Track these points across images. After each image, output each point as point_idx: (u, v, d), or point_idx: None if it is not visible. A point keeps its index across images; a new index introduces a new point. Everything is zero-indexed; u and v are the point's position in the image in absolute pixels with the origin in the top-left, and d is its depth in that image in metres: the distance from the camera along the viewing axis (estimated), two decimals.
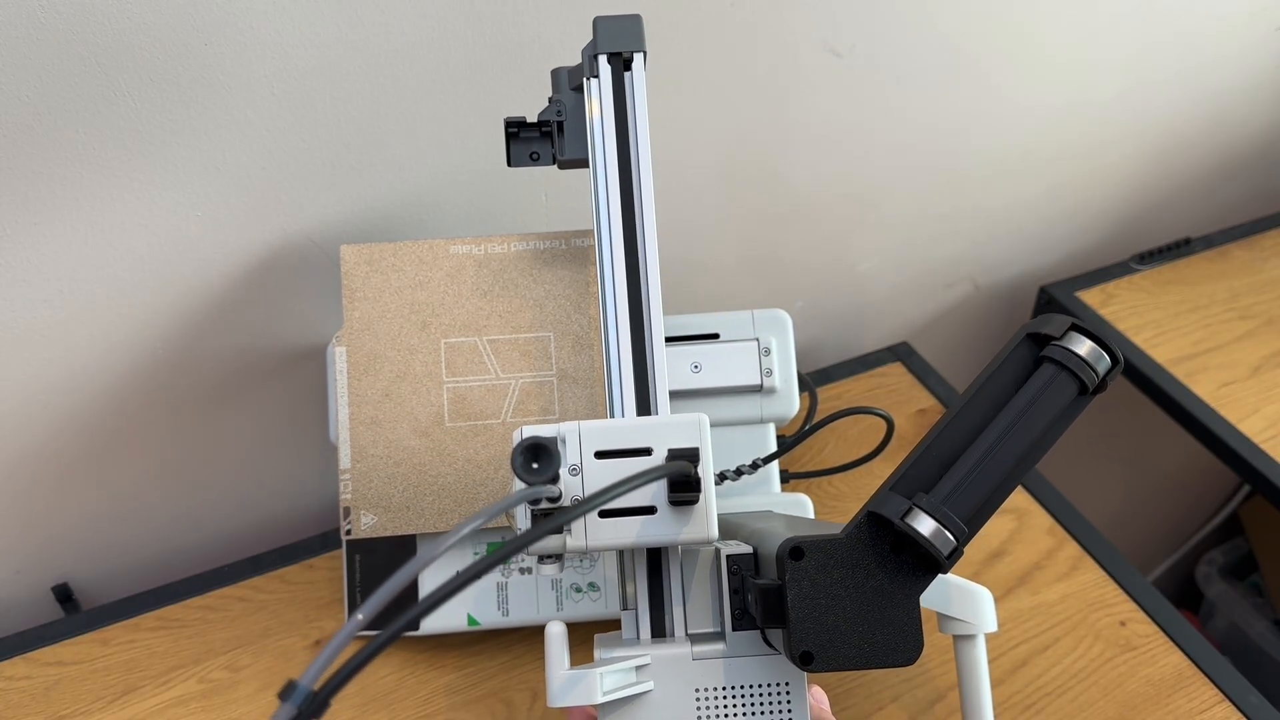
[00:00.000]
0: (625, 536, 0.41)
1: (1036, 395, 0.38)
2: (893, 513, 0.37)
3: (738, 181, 0.82)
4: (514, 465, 0.37)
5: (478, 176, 0.72)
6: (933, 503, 0.37)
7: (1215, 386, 0.89)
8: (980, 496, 0.37)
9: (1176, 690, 0.67)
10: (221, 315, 0.70)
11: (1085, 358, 0.37)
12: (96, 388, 0.69)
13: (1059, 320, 0.38)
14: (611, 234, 0.50)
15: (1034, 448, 0.37)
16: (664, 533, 0.41)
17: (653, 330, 0.49)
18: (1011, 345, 0.39)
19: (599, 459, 0.41)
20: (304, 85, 0.62)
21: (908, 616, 0.38)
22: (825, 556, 0.38)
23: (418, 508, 0.64)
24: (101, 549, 0.77)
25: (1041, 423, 0.37)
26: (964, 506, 0.37)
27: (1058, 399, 0.37)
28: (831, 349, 0.98)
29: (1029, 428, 0.37)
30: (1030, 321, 0.39)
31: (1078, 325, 0.38)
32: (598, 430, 0.41)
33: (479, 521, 0.32)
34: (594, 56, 0.52)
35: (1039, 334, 0.39)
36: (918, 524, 0.37)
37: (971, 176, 0.92)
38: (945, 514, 0.37)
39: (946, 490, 0.37)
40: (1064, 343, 0.38)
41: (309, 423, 0.78)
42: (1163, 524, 1.38)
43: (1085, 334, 0.37)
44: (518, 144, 0.55)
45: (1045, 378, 0.38)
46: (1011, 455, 0.37)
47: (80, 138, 0.58)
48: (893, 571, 0.38)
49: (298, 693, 0.29)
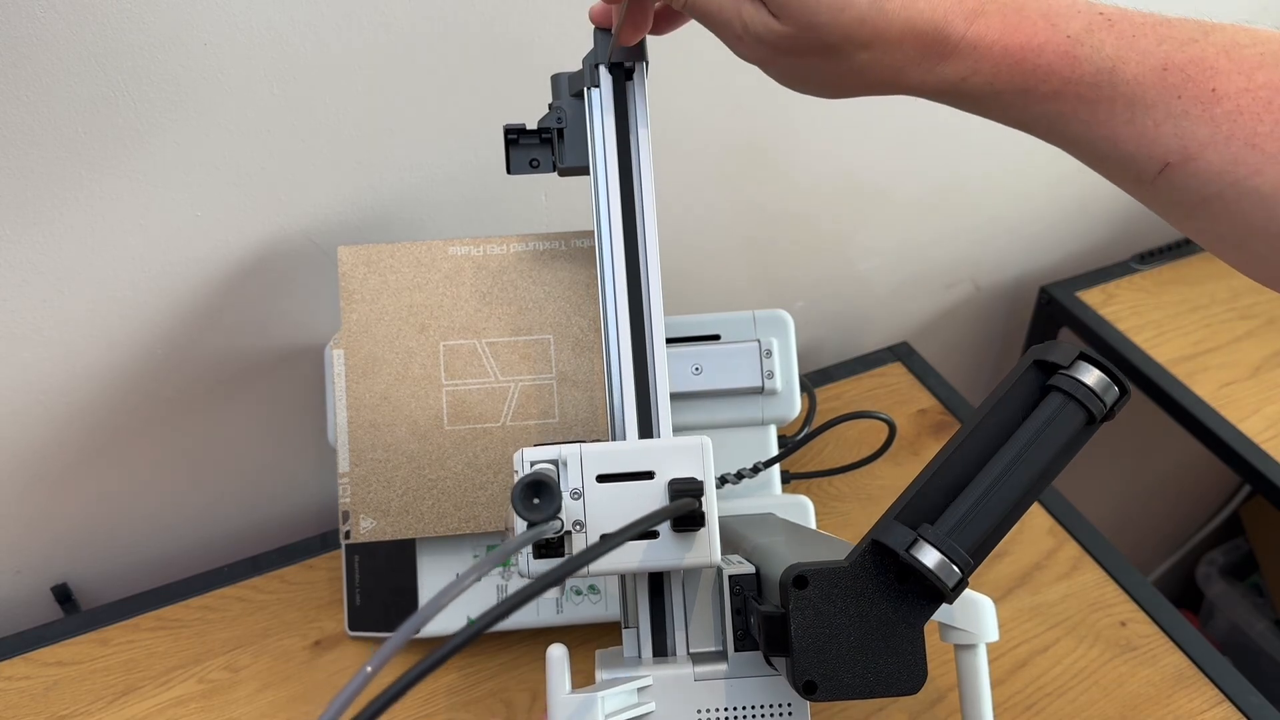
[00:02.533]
0: (628, 562, 0.41)
1: (1044, 426, 0.37)
2: (897, 544, 0.37)
3: (738, 181, 0.82)
4: (514, 502, 0.37)
5: (477, 177, 0.71)
6: (938, 534, 0.36)
7: (1216, 386, 0.89)
8: (986, 528, 0.37)
9: (1177, 690, 0.67)
10: (220, 314, 0.70)
11: (1093, 388, 0.37)
12: (96, 388, 0.69)
13: (1066, 348, 0.38)
14: (612, 239, 0.49)
15: (1040, 478, 0.37)
16: (666, 558, 0.41)
17: (653, 332, 0.49)
18: (1018, 372, 0.38)
19: (600, 483, 0.41)
20: (303, 85, 0.62)
21: (911, 646, 0.38)
22: (829, 585, 0.38)
23: (417, 511, 0.63)
24: (101, 549, 0.77)
25: (1049, 453, 0.37)
26: (969, 538, 0.36)
27: (1065, 429, 0.37)
28: (832, 349, 0.98)
29: (1036, 458, 0.37)
30: (1036, 347, 0.39)
31: (1086, 354, 0.37)
32: (599, 454, 0.41)
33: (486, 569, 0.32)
34: (595, 66, 0.51)
35: (1046, 361, 0.38)
36: (922, 556, 0.36)
37: (972, 176, 0.92)
38: (951, 546, 0.36)
39: (952, 522, 0.37)
40: (1072, 372, 0.37)
41: (308, 421, 0.78)
42: (1163, 524, 1.38)
43: (1093, 363, 0.37)
44: (517, 151, 0.55)
45: (1053, 408, 0.37)
46: (1018, 486, 0.37)
47: (79, 138, 0.58)
48: (896, 601, 0.38)
49: None
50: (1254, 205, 0.37)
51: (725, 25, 0.43)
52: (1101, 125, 0.39)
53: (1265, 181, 0.36)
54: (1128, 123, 0.38)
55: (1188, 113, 0.37)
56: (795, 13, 0.40)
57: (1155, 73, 0.37)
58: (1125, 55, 0.38)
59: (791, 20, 0.40)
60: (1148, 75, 0.37)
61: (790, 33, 0.41)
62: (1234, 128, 0.36)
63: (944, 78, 0.40)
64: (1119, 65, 0.38)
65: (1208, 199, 0.38)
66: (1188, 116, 0.37)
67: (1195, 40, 0.37)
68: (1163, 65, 0.37)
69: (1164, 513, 1.37)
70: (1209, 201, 0.38)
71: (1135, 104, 0.38)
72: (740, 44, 0.43)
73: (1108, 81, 0.38)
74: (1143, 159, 0.39)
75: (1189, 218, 0.40)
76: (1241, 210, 0.37)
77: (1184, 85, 0.37)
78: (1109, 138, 0.39)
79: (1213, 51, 0.37)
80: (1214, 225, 0.39)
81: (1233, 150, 0.37)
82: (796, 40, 0.41)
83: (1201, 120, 0.37)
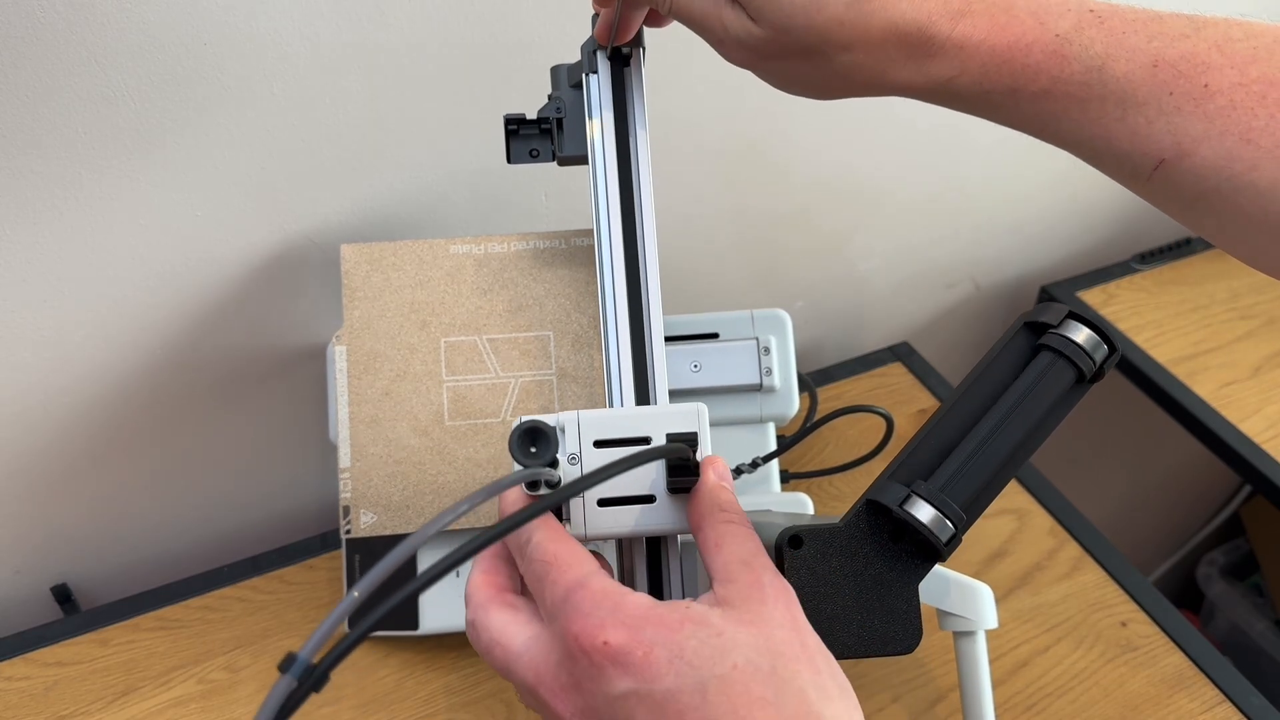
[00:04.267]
0: (623, 525, 0.41)
1: (1034, 383, 0.38)
2: (891, 500, 0.37)
3: (738, 180, 0.82)
4: (511, 448, 0.37)
5: (477, 176, 0.71)
6: (931, 490, 0.37)
7: (1216, 386, 0.89)
8: (979, 483, 0.37)
9: (1177, 691, 0.67)
10: (221, 315, 0.70)
11: (1083, 345, 0.37)
12: (96, 388, 0.69)
13: (1056, 308, 0.38)
14: (611, 232, 0.50)
15: (1032, 435, 0.38)
16: (662, 521, 0.41)
17: (652, 329, 0.49)
18: (1009, 334, 0.39)
19: (598, 448, 0.41)
20: (303, 85, 0.62)
21: (907, 605, 0.38)
22: (824, 545, 0.38)
23: (418, 506, 0.63)
24: (101, 549, 0.77)
25: (1039, 410, 0.37)
26: (962, 493, 0.37)
27: (1055, 386, 0.37)
28: (832, 349, 0.98)
29: (1027, 415, 0.37)
30: (1028, 311, 0.39)
31: (1075, 313, 0.38)
32: (597, 419, 0.41)
33: (478, 500, 0.33)
34: (593, 52, 0.52)
35: (1037, 323, 0.39)
36: (916, 511, 0.37)
37: (972, 176, 0.92)
38: (944, 500, 0.37)
39: (945, 477, 0.37)
40: (1061, 330, 0.38)
41: (309, 423, 0.78)
42: (1163, 524, 1.38)
43: (1083, 321, 0.38)
44: (517, 141, 0.55)
45: (1043, 365, 0.38)
46: (1009, 442, 0.37)
47: (80, 138, 0.58)
48: (891, 560, 0.38)
49: (297, 664, 0.29)
50: (1251, 200, 0.37)
51: (708, 29, 0.43)
52: (1093, 124, 0.39)
53: (1262, 176, 0.36)
54: (1119, 120, 0.38)
55: (1180, 109, 0.37)
56: (771, 16, 0.40)
57: (1146, 69, 0.37)
58: (1115, 53, 0.37)
59: (768, 23, 0.40)
60: (1138, 72, 0.37)
61: (768, 36, 0.41)
62: (1228, 123, 0.36)
63: (931, 78, 0.40)
64: (1109, 63, 0.37)
65: (1204, 194, 0.38)
66: (1180, 113, 0.37)
67: (1187, 36, 0.37)
68: (1153, 62, 0.37)
69: (1164, 513, 1.37)
70: (1206, 196, 0.38)
71: (1126, 102, 0.38)
72: (723, 47, 0.43)
73: (1098, 80, 0.38)
74: (1137, 156, 0.38)
75: (1187, 212, 0.40)
76: (1239, 205, 0.37)
77: (1175, 81, 0.37)
78: (1102, 136, 0.39)
79: (1204, 46, 0.37)
80: (1213, 219, 0.39)
81: (1227, 145, 0.36)
82: (774, 43, 0.41)
83: (1194, 116, 0.37)
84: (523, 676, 0.35)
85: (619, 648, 0.32)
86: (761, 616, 0.34)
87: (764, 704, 0.31)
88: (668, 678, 0.31)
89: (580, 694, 0.33)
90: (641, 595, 0.34)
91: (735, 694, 0.31)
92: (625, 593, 0.34)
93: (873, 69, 0.40)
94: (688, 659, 0.32)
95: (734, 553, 0.36)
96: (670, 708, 0.31)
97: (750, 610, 0.34)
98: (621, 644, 0.32)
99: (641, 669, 0.32)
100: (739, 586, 0.34)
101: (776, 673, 0.32)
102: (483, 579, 0.38)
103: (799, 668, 0.33)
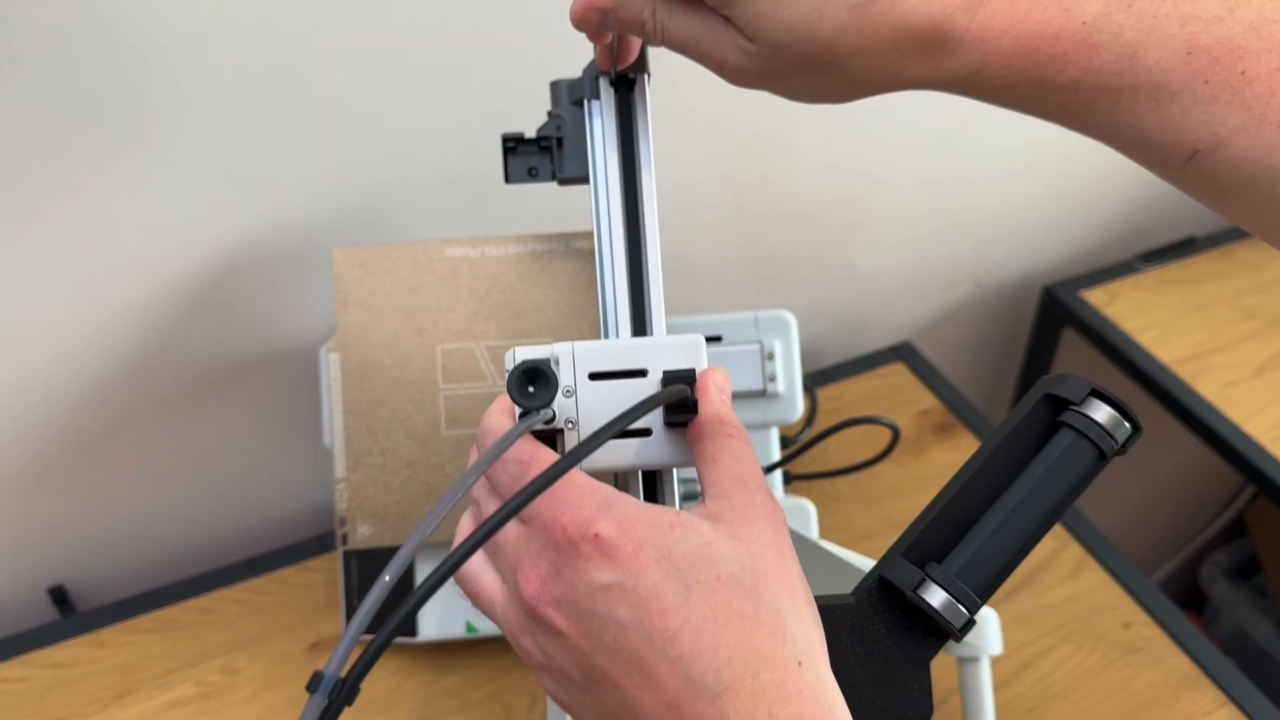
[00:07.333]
0: (621, 459, 0.40)
1: (1055, 464, 0.36)
2: (905, 583, 0.36)
3: (739, 180, 0.81)
4: (510, 388, 0.37)
5: (474, 176, 0.71)
6: (945, 575, 0.36)
7: (1220, 386, 0.89)
8: (994, 569, 0.36)
9: (1180, 693, 0.67)
10: (218, 314, 0.70)
11: (1105, 425, 0.36)
12: (91, 388, 0.69)
13: (1078, 383, 0.37)
14: (614, 252, 0.49)
15: (1050, 516, 0.36)
16: (660, 455, 0.40)
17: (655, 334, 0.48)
18: (1028, 404, 0.38)
19: (593, 381, 0.40)
20: (301, 84, 0.62)
21: (918, 682, 0.37)
22: (835, 622, 0.37)
23: (415, 517, 0.63)
24: (97, 550, 0.77)
25: (1059, 492, 0.36)
26: (977, 578, 0.36)
27: (1076, 467, 0.36)
28: (833, 349, 0.98)
29: (1045, 496, 0.36)
30: (1046, 379, 0.38)
31: (1097, 390, 0.37)
32: (592, 351, 0.40)
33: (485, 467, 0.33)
34: (595, 77, 0.51)
35: (1057, 396, 0.37)
36: (930, 596, 0.36)
37: (974, 175, 0.92)
38: (958, 586, 0.36)
39: (961, 561, 0.36)
40: (1083, 409, 0.36)
41: (305, 421, 0.78)
42: (1166, 526, 1.38)
43: (1105, 400, 0.36)
44: (515, 159, 0.53)
45: (1064, 445, 0.37)
46: (1027, 525, 0.36)
47: (75, 136, 0.58)
48: (902, 637, 0.37)
49: (325, 681, 0.28)
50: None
51: (705, 56, 0.42)
52: (1124, 114, 0.37)
53: None
54: (1152, 110, 0.36)
55: (1216, 98, 0.35)
56: (769, 34, 0.38)
57: (1180, 57, 0.36)
58: (1146, 39, 0.36)
59: (766, 42, 0.39)
60: (1171, 60, 0.36)
61: (769, 55, 0.39)
62: (1267, 111, 0.35)
63: (951, 73, 0.38)
64: (1140, 51, 0.36)
65: (1240, 184, 0.36)
66: (1216, 102, 0.35)
67: (1220, 19, 0.35)
68: (1187, 49, 0.36)
69: (1167, 514, 1.37)
70: (1242, 186, 0.37)
71: (1160, 91, 0.36)
72: (725, 71, 0.42)
73: (1129, 69, 0.36)
74: (1170, 146, 0.37)
75: (1221, 201, 0.38)
76: (1276, 194, 0.36)
77: (1211, 69, 0.35)
78: (1133, 125, 0.37)
79: (1240, 30, 0.35)
80: (1248, 208, 0.38)
81: (1266, 134, 0.35)
82: (776, 61, 0.39)
83: (1231, 105, 0.35)
84: (498, 569, 0.36)
85: (609, 540, 0.33)
86: (750, 535, 0.34)
87: (743, 616, 0.32)
88: (654, 574, 0.32)
89: (559, 582, 0.33)
90: (631, 497, 0.35)
91: (717, 601, 0.32)
92: (615, 491, 0.35)
93: (887, 70, 0.39)
94: (675, 560, 0.33)
95: (729, 468, 0.36)
96: (653, 605, 0.32)
97: (739, 527, 0.34)
98: (612, 537, 0.33)
99: (629, 563, 0.32)
100: (731, 503, 0.35)
101: (757, 591, 0.33)
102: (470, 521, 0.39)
103: (779, 590, 0.33)
